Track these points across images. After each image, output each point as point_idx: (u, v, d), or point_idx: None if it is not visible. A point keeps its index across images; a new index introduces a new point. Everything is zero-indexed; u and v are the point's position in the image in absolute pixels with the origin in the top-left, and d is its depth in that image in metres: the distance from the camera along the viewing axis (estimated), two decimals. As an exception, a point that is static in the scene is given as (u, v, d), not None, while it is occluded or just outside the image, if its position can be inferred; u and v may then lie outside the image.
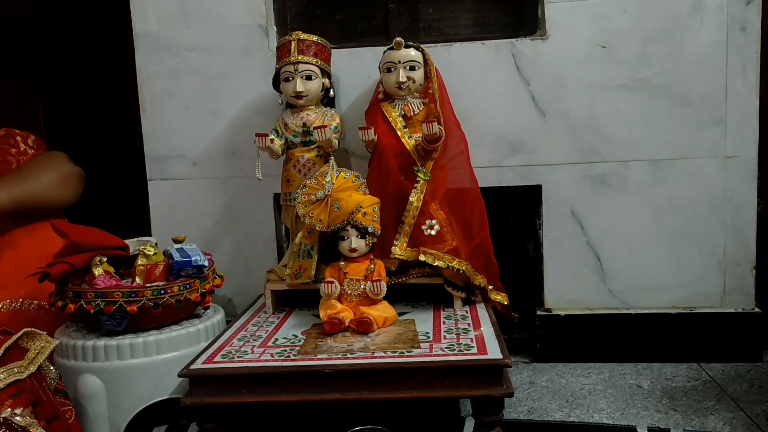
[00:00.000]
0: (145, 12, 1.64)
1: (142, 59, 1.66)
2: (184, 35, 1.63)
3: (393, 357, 1.08)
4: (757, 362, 1.53)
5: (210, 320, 1.36)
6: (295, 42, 1.41)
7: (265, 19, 1.60)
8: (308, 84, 1.42)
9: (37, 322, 1.38)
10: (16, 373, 0.93)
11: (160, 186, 1.68)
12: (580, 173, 1.56)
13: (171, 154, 1.67)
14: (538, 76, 1.55)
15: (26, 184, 1.47)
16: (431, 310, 1.37)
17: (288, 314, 1.40)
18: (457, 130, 1.45)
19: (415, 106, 1.43)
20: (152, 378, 1.24)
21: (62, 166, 1.58)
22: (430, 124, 1.33)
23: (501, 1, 1.65)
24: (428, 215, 1.36)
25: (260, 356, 1.12)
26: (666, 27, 1.51)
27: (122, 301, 1.22)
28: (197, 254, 1.33)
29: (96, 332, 1.28)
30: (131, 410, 1.24)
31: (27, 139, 1.63)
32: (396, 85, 1.41)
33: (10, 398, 0.89)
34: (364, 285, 1.27)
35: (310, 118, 1.44)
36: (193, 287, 1.31)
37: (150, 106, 1.66)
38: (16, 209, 1.45)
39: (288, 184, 1.45)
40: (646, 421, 1.26)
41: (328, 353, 1.11)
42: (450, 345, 1.13)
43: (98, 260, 1.28)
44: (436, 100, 1.42)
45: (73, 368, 1.24)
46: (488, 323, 1.26)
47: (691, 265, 1.56)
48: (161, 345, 1.26)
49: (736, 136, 1.51)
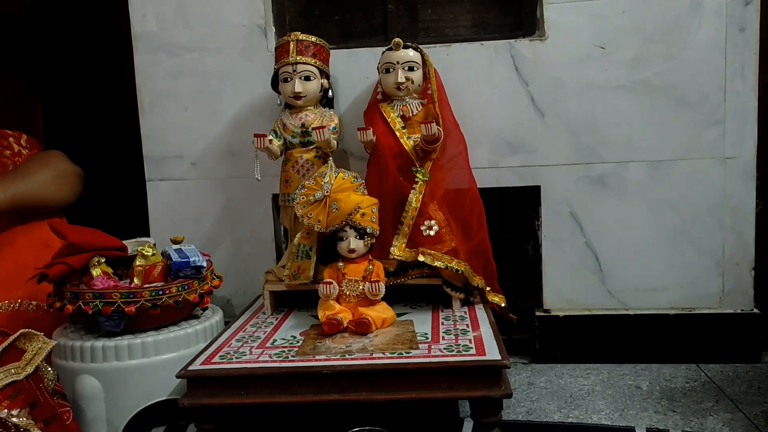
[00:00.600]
0: (144, 12, 1.64)
1: (140, 60, 1.65)
2: (183, 36, 1.63)
3: (391, 358, 1.08)
4: (755, 363, 1.53)
5: (208, 321, 1.35)
6: (294, 42, 1.41)
7: (263, 20, 1.60)
8: (307, 84, 1.42)
9: (35, 323, 1.37)
10: (13, 374, 0.93)
11: (158, 186, 1.68)
12: (579, 174, 1.56)
13: (169, 154, 1.66)
14: (537, 77, 1.55)
15: (24, 182, 1.47)
16: (430, 311, 1.37)
17: (286, 315, 1.40)
18: (455, 131, 1.45)
19: (414, 107, 1.43)
20: (150, 379, 1.24)
21: (60, 164, 1.58)
22: (429, 125, 1.33)
23: (500, 2, 1.65)
24: (427, 216, 1.36)
25: (258, 357, 1.12)
26: (665, 28, 1.51)
27: (120, 301, 1.22)
28: (195, 255, 1.33)
29: (94, 333, 1.27)
30: (129, 411, 1.23)
31: (20, 139, 1.63)
32: (395, 85, 1.41)
33: (6, 399, 0.89)
34: (363, 286, 1.27)
35: (309, 118, 1.44)
36: (192, 288, 1.31)
37: (148, 106, 1.66)
38: (14, 208, 1.45)
39: (287, 185, 1.45)
40: (644, 422, 1.26)
41: (327, 354, 1.11)
42: (448, 346, 1.13)
43: (96, 261, 1.28)
44: (435, 101, 1.42)
45: (71, 369, 1.23)
46: (487, 324, 1.25)
47: (689, 265, 1.55)
48: (159, 346, 1.25)
49: (735, 136, 1.51)
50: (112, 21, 2.12)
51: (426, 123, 1.34)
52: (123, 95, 2.03)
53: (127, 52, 1.68)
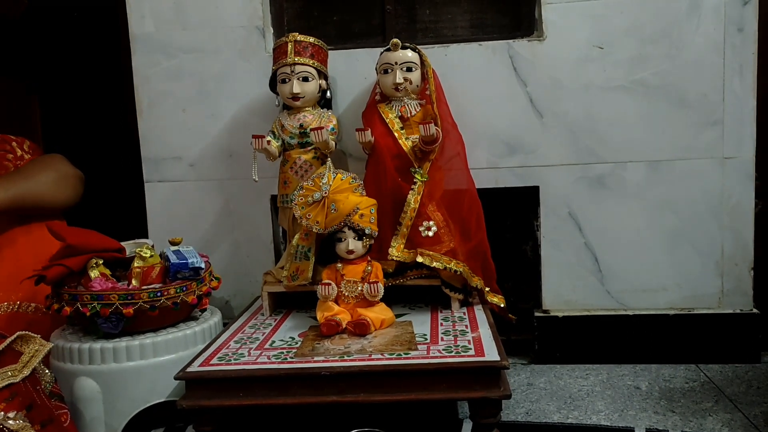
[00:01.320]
0: (142, 13, 1.63)
1: (138, 61, 1.65)
2: (181, 37, 1.63)
3: (390, 359, 1.07)
4: (755, 363, 1.53)
5: (207, 322, 1.35)
6: (292, 43, 1.41)
7: (261, 21, 1.60)
8: (305, 85, 1.42)
9: (34, 324, 1.37)
10: (9, 376, 0.93)
11: (156, 188, 1.68)
12: (577, 174, 1.56)
13: (167, 155, 1.66)
14: (535, 78, 1.55)
15: (25, 183, 1.47)
16: (429, 312, 1.36)
17: (285, 316, 1.40)
18: (454, 132, 1.44)
19: (413, 108, 1.43)
20: (149, 381, 1.24)
21: (62, 167, 1.58)
22: (427, 126, 1.33)
23: (498, 3, 1.65)
24: (425, 216, 1.36)
25: (257, 359, 1.12)
26: (663, 28, 1.50)
27: (118, 303, 1.21)
28: (194, 256, 1.32)
29: (92, 335, 1.27)
30: (128, 413, 1.23)
31: (22, 144, 1.63)
32: (393, 86, 1.40)
33: (3, 402, 0.89)
34: (362, 287, 1.27)
35: (307, 119, 1.44)
36: (190, 290, 1.31)
37: (147, 107, 1.66)
38: (15, 208, 1.45)
39: (285, 186, 1.45)
40: (644, 423, 1.26)
41: (326, 355, 1.11)
42: (447, 347, 1.12)
43: (94, 263, 1.28)
44: (433, 102, 1.42)
45: (70, 371, 1.23)
46: (486, 325, 1.25)
47: (688, 266, 1.55)
48: (158, 348, 1.25)
49: (734, 137, 1.51)
50: (111, 22, 2.12)
51: (424, 123, 1.34)
52: (121, 96, 2.03)
53: (126, 54, 1.67)
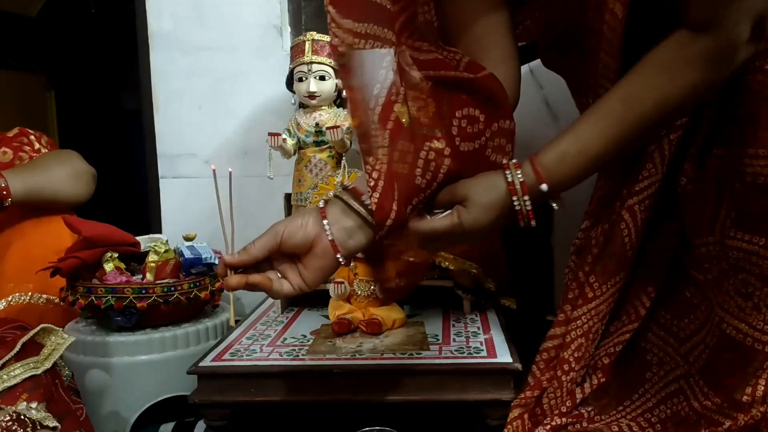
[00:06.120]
0: (161, 11, 1.65)
1: (156, 58, 1.66)
2: (199, 35, 1.64)
3: (402, 359, 1.08)
4: None
5: (219, 318, 1.36)
6: (310, 42, 1.42)
7: (279, 20, 1.61)
8: (322, 84, 1.42)
9: (45, 316, 1.38)
10: (32, 368, 0.93)
11: (171, 184, 1.68)
12: (592, 177, 1.54)
13: (183, 152, 1.67)
14: (551, 80, 1.54)
15: (42, 176, 1.47)
16: (440, 313, 1.36)
17: (297, 314, 1.40)
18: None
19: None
20: (160, 375, 1.24)
21: (77, 163, 1.59)
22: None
23: (515, 5, 1.65)
24: (439, 217, 1.35)
25: (269, 355, 1.12)
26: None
27: (132, 297, 1.22)
28: (208, 252, 1.33)
29: (105, 328, 1.28)
30: (139, 407, 1.23)
31: (41, 139, 1.64)
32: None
33: (26, 392, 0.89)
34: (374, 286, 1.26)
35: (323, 118, 1.44)
36: (203, 285, 1.31)
37: (163, 104, 1.67)
38: (29, 201, 1.45)
39: (300, 184, 1.45)
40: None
41: (337, 353, 1.11)
42: (459, 348, 1.12)
43: (109, 256, 1.29)
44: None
45: (81, 363, 1.23)
46: (498, 327, 1.25)
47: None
48: (170, 342, 1.26)
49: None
50: (127, 19, 2.14)
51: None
52: (137, 92, 2.04)
53: (142, 50, 1.69)
